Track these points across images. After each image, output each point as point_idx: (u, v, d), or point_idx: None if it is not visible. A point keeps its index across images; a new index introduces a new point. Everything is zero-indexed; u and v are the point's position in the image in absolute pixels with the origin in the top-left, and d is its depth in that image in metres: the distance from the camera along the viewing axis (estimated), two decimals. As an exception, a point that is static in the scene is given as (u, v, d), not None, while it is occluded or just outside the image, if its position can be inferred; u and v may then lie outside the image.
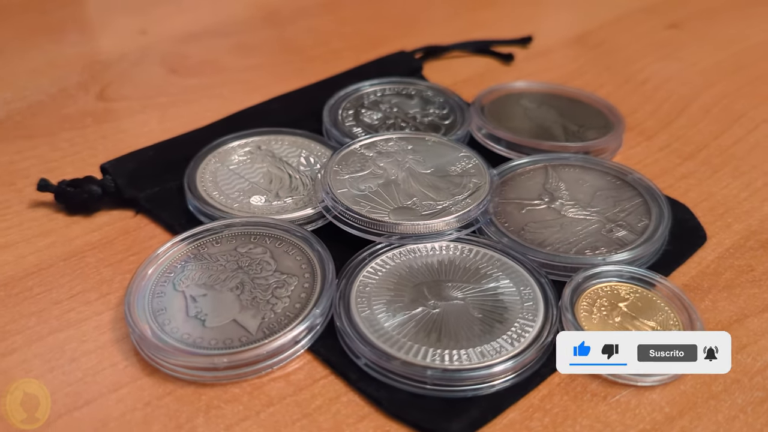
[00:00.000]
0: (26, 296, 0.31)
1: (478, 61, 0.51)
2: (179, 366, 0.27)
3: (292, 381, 0.28)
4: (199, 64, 0.51)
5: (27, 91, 0.47)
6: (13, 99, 0.46)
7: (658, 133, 0.43)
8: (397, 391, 0.27)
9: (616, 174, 0.37)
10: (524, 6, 0.60)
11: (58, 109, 0.45)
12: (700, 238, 0.34)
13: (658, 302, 0.30)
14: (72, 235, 0.35)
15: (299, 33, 0.55)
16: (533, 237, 0.33)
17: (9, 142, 0.42)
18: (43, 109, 0.45)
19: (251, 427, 0.26)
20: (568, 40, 0.54)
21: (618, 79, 0.49)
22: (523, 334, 0.28)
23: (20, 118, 0.44)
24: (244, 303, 0.29)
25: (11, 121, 0.44)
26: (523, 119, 0.41)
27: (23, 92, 0.46)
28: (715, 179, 0.39)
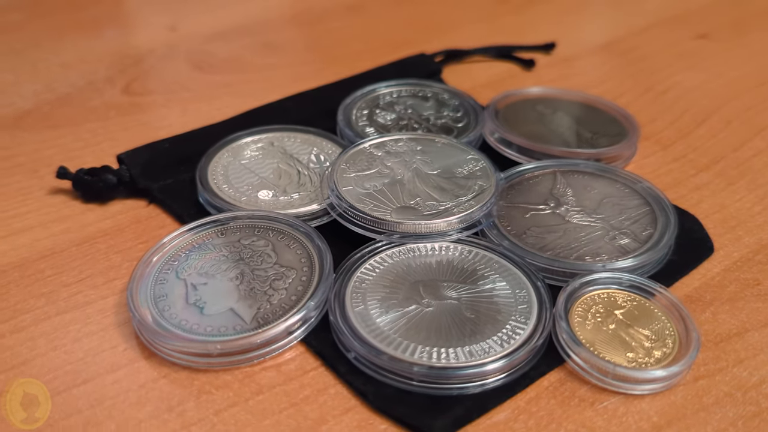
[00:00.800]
0: (38, 278, 0.32)
1: (499, 66, 0.51)
2: (175, 351, 0.28)
3: (283, 371, 0.28)
4: (223, 61, 0.52)
5: (56, 83, 0.48)
6: (42, 91, 0.47)
7: (675, 143, 0.42)
8: (383, 386, 0.27)
9: (625, 182, 0.36)
10: (552, 13, 0.59)
11: (84, 102, 0.46)
12: (706, 249, 0.34)
13: (656, 311, 0.30)
14: (86, 221, 0.36)
15: (323, 34, 0.56)
16: (535, 241, 0.33)
17: (36, 132, 0.43)
18: (70, 101, 0.46)
19: (239, 413, 0.26)
20: (592, 48, 0.53)
21: (640, 88, 0.48)
22: (513, 336, 0.28)
23: (48, 109, 0.45)
24: (243, 293, 0.30)
25: (39, 112, 0.45)
26: (537, 124, 0.41)
27: (53, 84, 0.48)
28: (729, 191, 0.38)
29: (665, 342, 0.28)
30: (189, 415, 0.26)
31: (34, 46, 0.53)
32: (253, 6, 0.60)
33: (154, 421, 0.26)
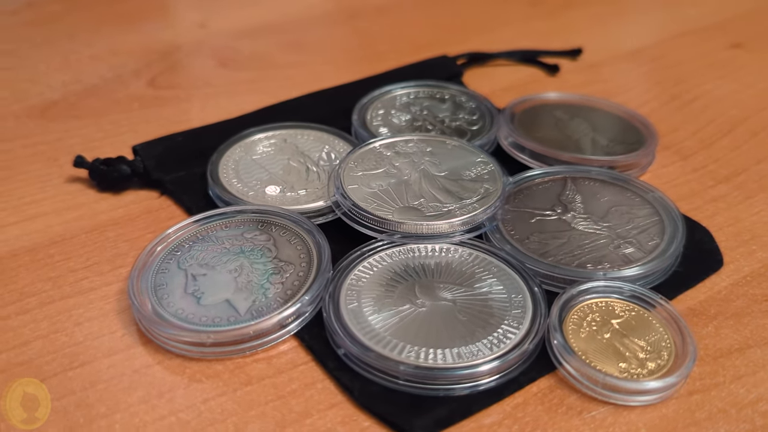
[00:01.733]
0: (47, 263, 0.33)
1: (523, 70, 0.51)
2: (169, 339, 0.28)
3: (273, 364, 0.28)
4: (248, 58, 0.53)
5: (85, 75, 0.49)
6: (71, 81, 0.49)
7: (695, 153, 0.41)
8: (370, 383, 0.27)
9: (636, 191, 0.36)
10: (584, 19, 0.59)
11: (109, 94, 0.47)
12: (715, 262, 0.33)
13: (654, 323, 0.29)
14: (99, 210, 0.37)
15: (350, 33, 0.56)
16: (537, 247, 0.33)
17: (60, 121, 0.44)
18: (96, 93, 0.47)
19: (226, 402, 0.27)
20: (620, 55, 0.53)
21: (665, 96, 0.47)
22: (504, 340, 0.28)
23: (74, 100, 0.47)
24: (240, 285, 0.30)
25: (66, 102, 0.46)
26: (553, 130, 0.41)
27: (81, 76, 0.49)
28: (747, 204, 0.37)
29: (660, 354, 0.28)
30: (177, 402, 0.27)
31: (69, 37, 0.54)
32: (283, 4, 0.61)
33: (143, 406, 0.27)
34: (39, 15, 0.57)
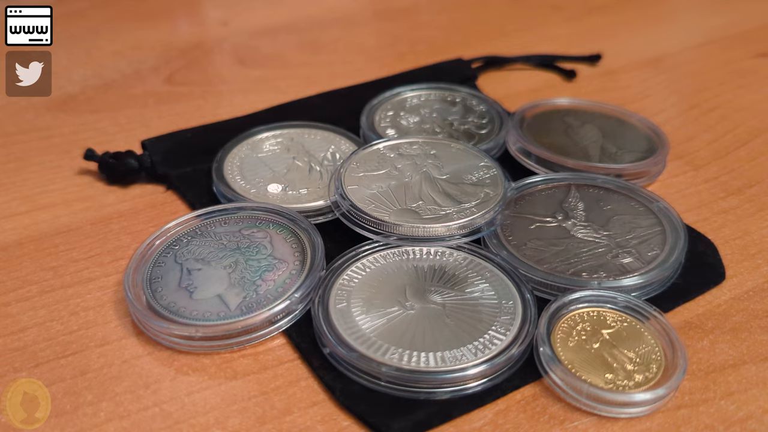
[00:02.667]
0: (51, 252, 0.34)
1: (539, 75, 0.50)
2: (160, 331, 0.29)
3: (260, 360, 0.29)
4: (266, 57, 0.53)
5: (105, 70, 0.50)
6: (91, 76, 0.50)
7: (708, 163, 0.40)
8: (352, 383, 0.27)
9: (641, 200, 0.35)
10: (607, 24, 0.58)
11: (127, 89, 0.48)
12: (717, 276, 0.32)
13: (646, 335, 0.28)
14: (106, 202, 0.37)
15: (370, 34, 0.57)
16: (533, 253, 0.32)
17: (77, 115, 0.45)
18: (114, 88, 0.48)
19: (210, 396, 0.27)
20: (640, 62, 0.52)
21: (684, 104, 0.46)
22: (489, 345, 0.28)
23: (92, 94, 0.48)
24: (233, 281, 0.31)
25: (84, 96, 0.47)
26: (562, 136, 0.40)
27: (102, 70, 0.50)
28: (757, 218, 0.36)
29: (649, 367, 0.27)
30: (162, 393, 0.27)
31: (93, 33, 0.56)
32: (305, 5, 0.62)
33: (128, 396, 0.27)
34: (67, 11, 0.59)
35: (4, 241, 0.35)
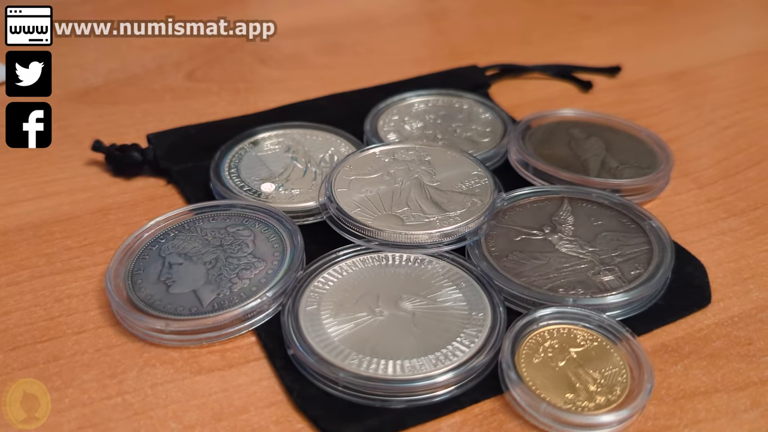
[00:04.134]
0: (47, 239, 0.35)
1: (555, 85, 0.50)
2: (133, 322, 0.30)
3: (226, 357, 0.29)
4: (287, 57, 0.54)
5: (130, 63, 0.52)
6: (116, 69, 0.51)
7: (715, 182, 0.39)
8: (311, 386, 0.27)
9: (634, 217, 0.34)
10: (633, 35, 0.57)
11: (147, 83, 0.49)
12: (702, 299, 0.31)
13: (615, 356, 0.28)
14: (108, 193, 0.39)
15: (391, 38, 0.57)
16: (513, 266, 0.32)
17: (97, 107, 0.47)
18: (135, 81, 0.50)
19: (172, 389, 0.28)
20: (662, 75, 0.50)
21: (699, 121, 0.45)
22: (451, 357, 0.27)
23: (114, 87, 0.49)
24: (210, 278, 0.31)
25: (106, 89, 0.49)
26: (563, 148, 0.40)
27: (127, 64, 0.52)
28: (756, 241, 0.35)
29: (613, 389, 0.27)
30: (127, 384, 0.28)
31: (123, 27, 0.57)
32: (332, 7, 0.62)
33: (94, 384, 0.28)
34: (102, 6, 0.60)
35: (6, 225, 0.36)
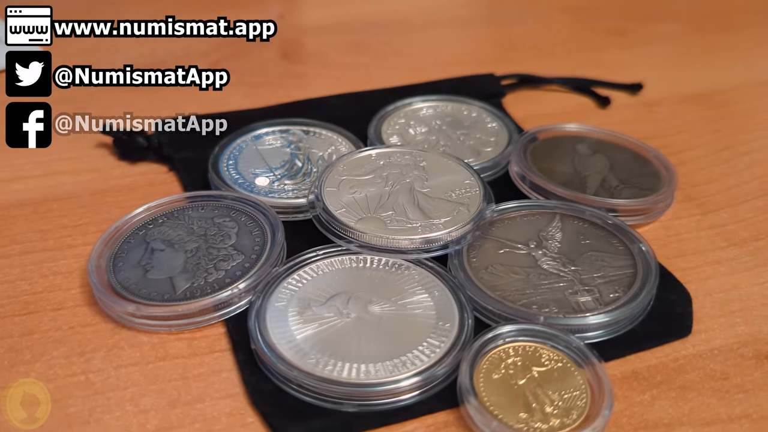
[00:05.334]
0: (45, 216, 0.36)
1: (572, 98, 0.49)
2: (108, 304, 0.30)
3: (193, 345, 0.30)
4: (310, 53, 0.54)
5: (159, 49, 0.53)
6: (145, 54, 0.52)
7: (720, 209, 0.38)
8: (267, 381, 0.27)
9: (623, 239, 0.34)
10: (664, 54, 0.55)
11: (170, 70, 0.50)
12: (682, 328, 0.31)
13: (578, 379, 0.27)
14: (111, 176, 0.39)
15: (418, 41, 0.56)
16: (490, 279, 0.31)
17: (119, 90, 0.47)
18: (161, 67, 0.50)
19: (134, 372, 0.28)
20: (686, 95, 0.49)
21: (717, 145, 0.44)
22: (410, 365, 0.27)
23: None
24: (188, 266, 0.32)
25: (132, 73, 0.50)
26: (565, 163, 0.39)
27: (156, 50, 0.53)
28: (753, 273, 0.34)
29: (569, 413, 0.26)
30: (93, 363, 0.29)
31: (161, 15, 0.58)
32: (365, 5, 0.62)
33: (62, 360, 0.29)
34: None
35: (9, 200, 0.37)
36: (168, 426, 0.26)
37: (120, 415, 0.27)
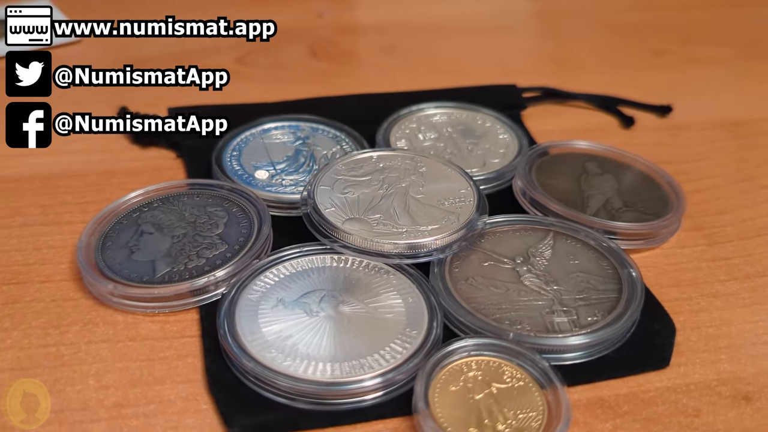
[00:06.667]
0: (50, 191, 0.37)
1: (596, 116, 0.48)
2: (90, 281, 0.31)
3: (165, 329, 0.30)
4: (338, 53, 0.54)
5: (188, 40, 0.53)
6: (173, 44, 0.53)
7: (728, 242, 0.37)
8: (227, 370, 0.28)
9: (614, 263, 0.33)
10: (701, 77, 0.53)
11: (199, 60, 0.51)
12: (659, 360, 0.29)
13: (537, 400, 0.27)
14: (121, 158, 0.40)
15: (448, 48, 0.56)
16: (468, 290, 0.31)
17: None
18: (187, 57, 0.52)
19: (104, 349, 0.29)
20: (716, 122, 0.47)
21: (739, 175, 0.42)
22: (367, 368, 0.27)
23: (167, 59, 0.51)
24: (172, 251, 0.32)
25: (160, 60, 0.51)
26: (571, 181, 0.38)
27: (186, 40, 0.53)
28: (749, 310, 0.33)
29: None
30: (67, 337, 0.29)
31: (196, 7, 0.59)
32: (403, 8, 0.62)
33: (38, 331, 0.29)
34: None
35: (20, 173, 0.38)
36: (125, 404, 0.27)
37: (81, 388, 0.27)
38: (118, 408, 0.27)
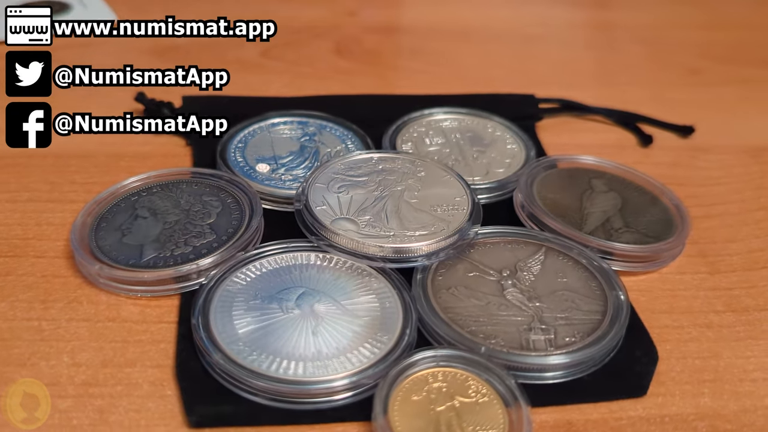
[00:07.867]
0: (61, 169, 0.38)
1: (614, 132, 0.47)
2: (79, 259, 0.32)
3: (144, 313, 0.31)
4: (362, 52, 0.54)
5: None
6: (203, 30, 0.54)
7: (732, 272, 0.35)
8: (195, 359, 0.28)
9: (603, 284, 0.32)
10: (732, 99, 0.51)
11: (223, 51, 0.52)
12: (636, 388, 0.29)
13: (500, 418, 0.26)
14: (132, 142, 0.41)
15: (473, 54, 0.56)
16: (448, 299, 0.31)
17: (166, 61, 0.50)
18: (213, 47, 0.52)
19: (82, 327, 0.30)
20: (740, 146, 0.46)
21: (755, 204, 0.41)
22: (330, 369, 0.27)
23: (194, 47, 0.52)
24: (161, 237, 0.33)
25: (185, 49, 0.52)
26: (573, 197, 0.38)
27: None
28: (742, 345, 0.31)
29: (478, 450, 0.25)
30: (50, 312, 0.30)
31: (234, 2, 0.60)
32: (434, 11, 0.62)
33: (24, 304, 0.30)
34: None
35: (35, 150, 0.39)
36: (93, 383, 0.27)
37: (55, 364, 0.28)
38: (86, 386, 0.27)
